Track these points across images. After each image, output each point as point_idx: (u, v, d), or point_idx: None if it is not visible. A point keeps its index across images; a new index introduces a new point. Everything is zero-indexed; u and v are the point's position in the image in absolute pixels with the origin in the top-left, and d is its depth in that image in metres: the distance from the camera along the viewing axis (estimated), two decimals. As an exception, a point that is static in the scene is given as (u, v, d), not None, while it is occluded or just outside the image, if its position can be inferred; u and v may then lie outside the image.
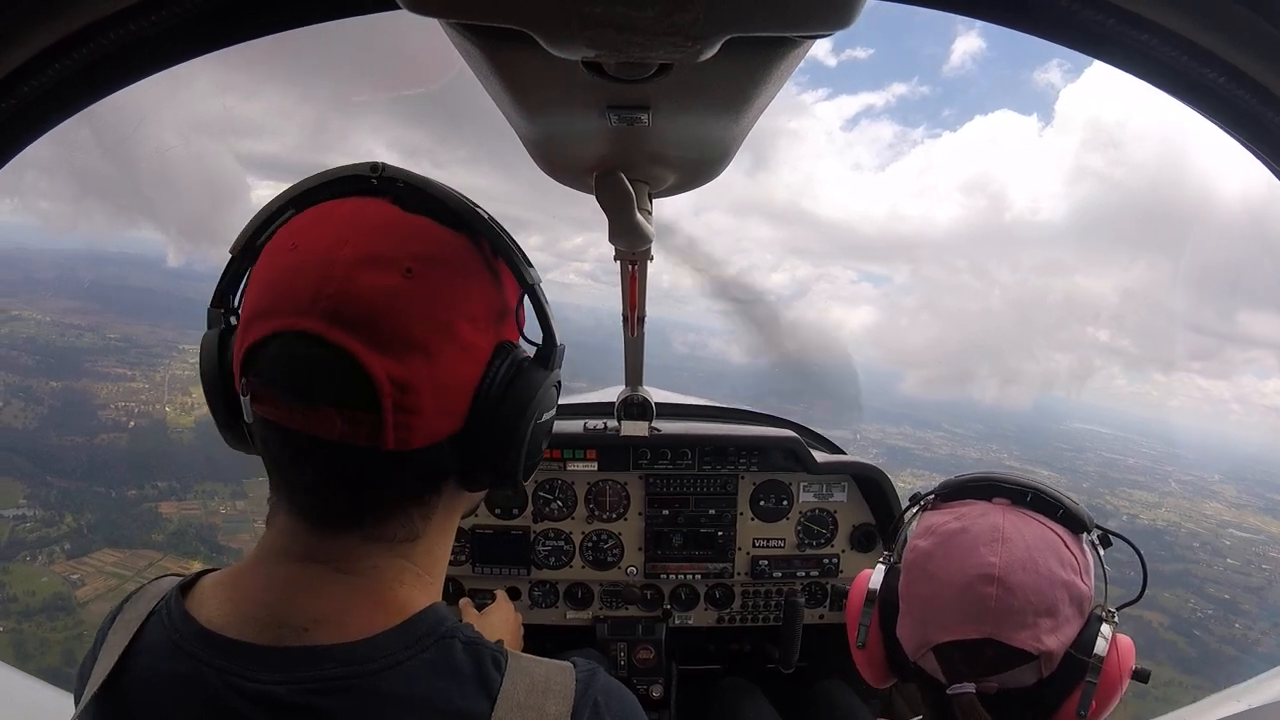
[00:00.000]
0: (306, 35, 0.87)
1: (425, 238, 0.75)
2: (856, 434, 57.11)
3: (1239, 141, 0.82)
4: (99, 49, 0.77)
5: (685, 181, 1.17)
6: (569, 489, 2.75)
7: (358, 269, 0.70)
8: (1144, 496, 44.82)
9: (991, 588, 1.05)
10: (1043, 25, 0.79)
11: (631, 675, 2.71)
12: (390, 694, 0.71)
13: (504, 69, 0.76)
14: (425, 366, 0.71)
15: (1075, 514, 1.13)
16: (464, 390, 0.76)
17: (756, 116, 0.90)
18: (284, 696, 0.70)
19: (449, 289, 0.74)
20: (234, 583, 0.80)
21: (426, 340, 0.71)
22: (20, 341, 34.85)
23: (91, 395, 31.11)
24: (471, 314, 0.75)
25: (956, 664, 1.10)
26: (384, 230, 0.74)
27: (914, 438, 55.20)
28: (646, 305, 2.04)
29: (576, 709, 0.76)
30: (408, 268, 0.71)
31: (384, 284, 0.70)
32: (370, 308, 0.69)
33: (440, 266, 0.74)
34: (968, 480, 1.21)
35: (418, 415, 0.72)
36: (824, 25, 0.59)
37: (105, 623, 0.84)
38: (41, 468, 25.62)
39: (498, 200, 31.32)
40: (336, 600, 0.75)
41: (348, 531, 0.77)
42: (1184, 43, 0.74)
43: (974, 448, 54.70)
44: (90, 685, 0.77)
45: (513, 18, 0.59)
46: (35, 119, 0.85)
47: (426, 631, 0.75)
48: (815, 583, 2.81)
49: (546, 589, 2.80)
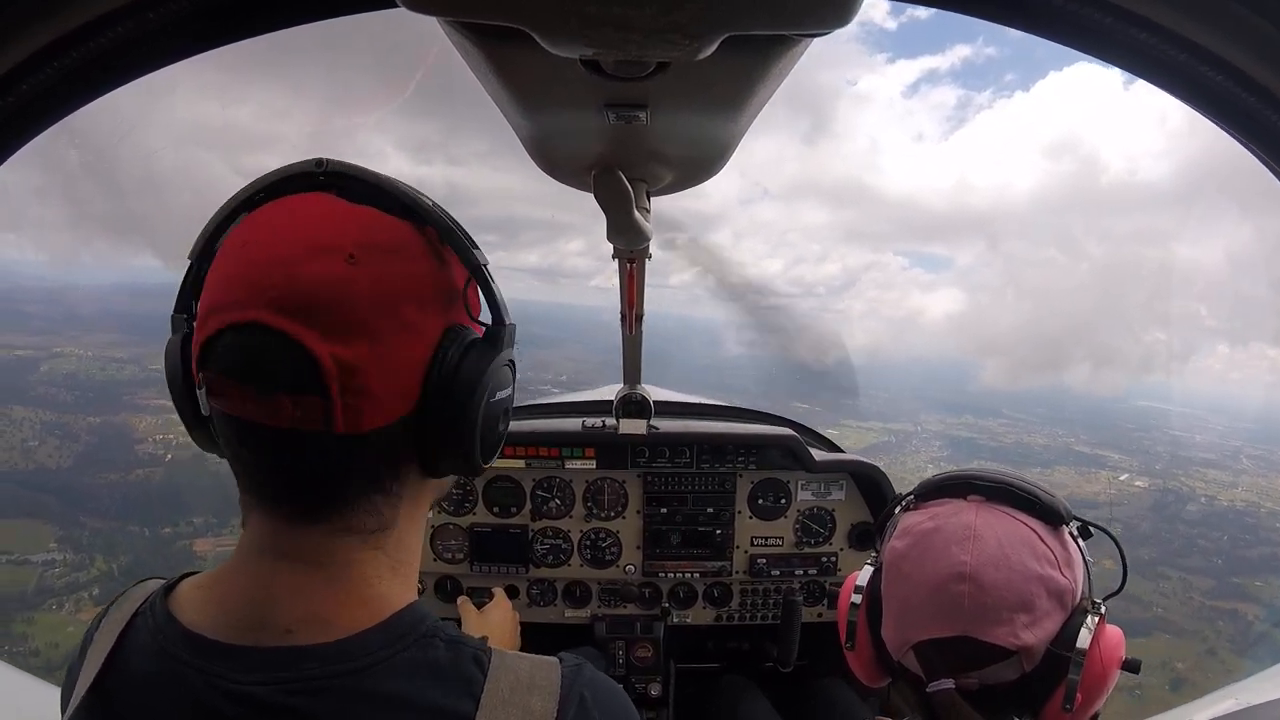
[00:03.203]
0: (291, 46, 0.87)
1: (368, 226, 0.76)
2: (918, 426, 56.58)
3: (1239, 142, 0.82)
4: (98, 46, 0.77)
5: (683, 180, 1.17)
6: (567, 487, 2.75)
7: (302, 259, 0.72)
8: (1218, 476, 43.32)
9: (964, 585, 1.06)
10: (1043, 25, 0.79)
11: (630, 674, 2.71)
12: (371, 693, 0.71)
13: (502, 67, 0.76)
14: (371, 349, 0.72)
15: (1051, 507, 1.13)
16: (412, 372, 0.76)
17: (754, 115, 0.90)
18: (265, 697, 0.70)
19: (392, 273, 0.75)
20: (215, 584, 0.80)
21: (371, 324, 0.72)
22: (60, 378, 34.70)
23: (129, 429, 30.88)
24: (417, 297, 0.76)
25: (934, 662, 1.11)
26: (327, 221, 0.76)
27: (976, 427, 54.49)
28: (645, 304, 2.04)
29: (563, 704, 0.76)
30: (350, 254, 0.73)
31: (327, 272, 0.72)
32: (314, 295, 0.71)
33: (383, 252, 0.75)
34: (944, 479, 1.21)
35: (365, 397, 0.72)
36: (822, 23, 0.59)
37: (92, 625, 0.85)
38: (74, 508, 25.21)
39: (528, 201, 30.47)
40: (317, 599, 0.76)
41: (317, 524, 0.77)
42: (1184, 42, 0.74)
43: (1040, 433, 53.77)
44: (79, 687, 0.78)
45: (511, 16, 0.59)
46: (34, 117, 0.85)
47: (407, 630, 0.76)
48: (813, 581, 2.81)
49: (544, 587, 2.80)
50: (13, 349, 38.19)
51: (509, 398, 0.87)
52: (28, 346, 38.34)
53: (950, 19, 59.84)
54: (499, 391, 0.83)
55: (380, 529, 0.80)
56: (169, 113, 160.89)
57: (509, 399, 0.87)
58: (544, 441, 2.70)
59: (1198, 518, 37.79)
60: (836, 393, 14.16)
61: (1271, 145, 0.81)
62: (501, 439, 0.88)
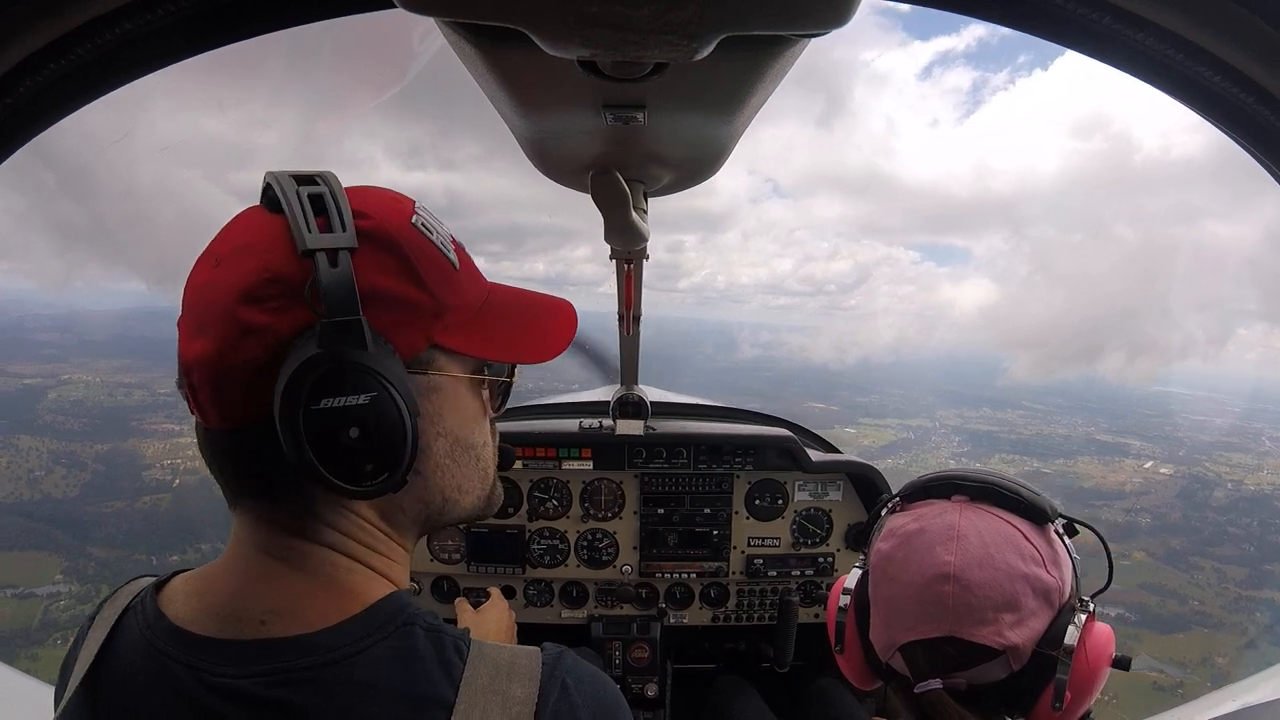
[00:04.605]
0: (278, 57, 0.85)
1: (244, 230, 0.78)
2: (934, 421, 55.81)
3: (1238, 142, 0.83)
4: (97, 47, 0.77)
5: (681, 180, 1.17)
6: (564, 488, 2.75)
7: (200, 268, 0.78)
8: (1242, 459, 43.37)
9: (948, 586, 1.06)
10: (1042, 25, 0.80)
11: (626, 674, 2.71)
12: (353, 682, 0.71)
13: (500, 68, 0.76)
14: (204, 348, 0.73)
15: (1036, 505, 1.13)
16: (248, 373, 0.72)
17: (752, 116, 0.90)
18: (249, 689, 0.71)
19: (239, 273, 0.73)
20: (201, 579, 0.81)
21: (211, 325, 0.73)
22: (68, 405, 34.71)
23: (137, 455, 30.87)
24: (256, 295, 0.72)
25: (921, 663, 1.11)
26: (225, 230, 0.79)
27: (995, 420, 54.00)
28: (642, 304, 2.04)
29: (543, 691, 0.76)
30: (217, 259, 0.76)
31: (199, 279, 0.76)
32: (189, 299, 0.76)
33: (244, 254, 0.75)
34: (929, 480, 1.21)
35: (202, 395, 0.74)
36: (820, 24, 0.60)
37: (86, 622, 0.86)
38: (80, 538, 25.06)
39: (531, 208, 29.72)
40: (288, 591, 0.76)
41: (271, 520, 0.78)
42: (1182, 43, 0.74)
43: (1060, 423, 53.23)
44: (71, 681, 0.79)
45: (509, 16, 0.59)
46: (34, 116, 0.84)
47: (387, 619, 0.76)
48: (810, 581, 2.81)
49: (541, 588, 2.80)
50: (21, 378, 38.08)
51: (358, 404, 0.71)
52: (36, 375, 38.35)
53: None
54: (328, 399, 0.70)
55: (321, 524, 0.79)
56: (151, 127, 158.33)
57: (359, 404, 0.71)
58: (541, 442, 2.70)
59: (1226, 504, 37.80)
60: (852, 391, 13.45)
61: (1271, 146, 0.81)
62: (365, 457, 0.73)
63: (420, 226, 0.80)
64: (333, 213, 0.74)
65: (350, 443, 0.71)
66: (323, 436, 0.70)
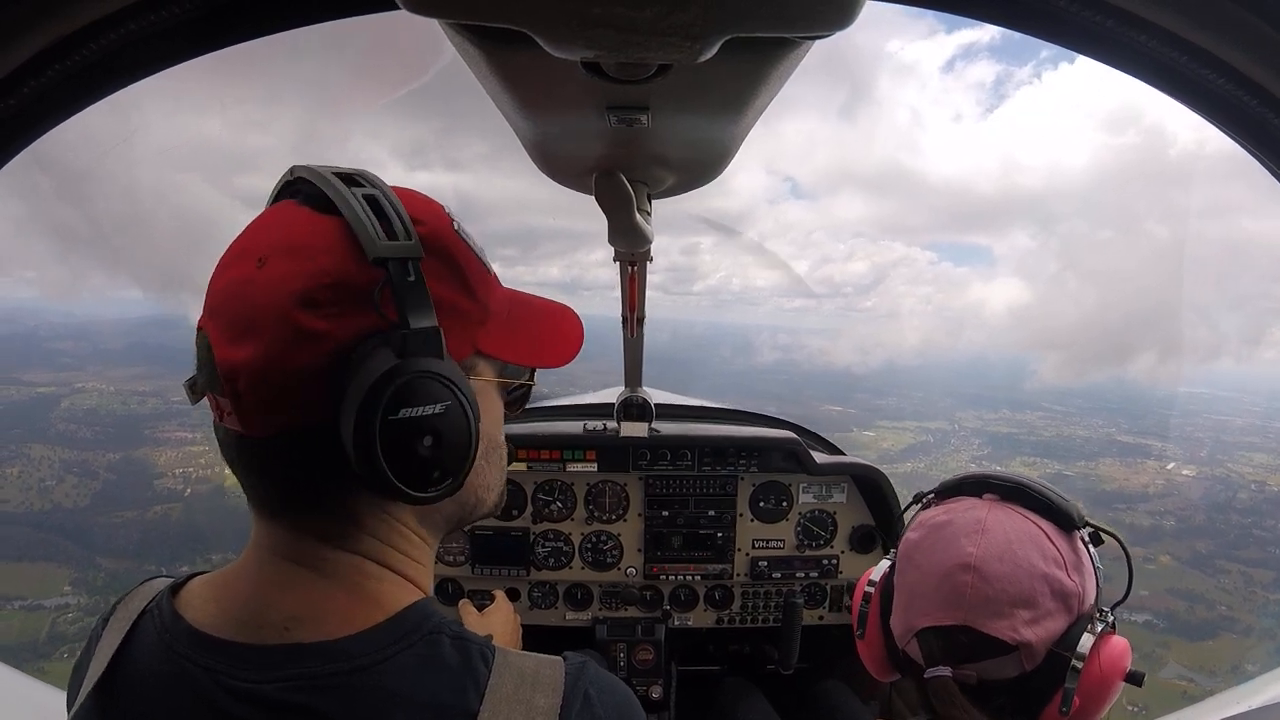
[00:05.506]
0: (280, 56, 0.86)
1: (290, 228, 0.74)
2: (954, 424, 55.27)
3: (1238, 142, 0.83)
4: (99, 49, 0.78)
5: (685, 182, 1.17)
6: (568, 490, 2.75)
7: (229, 265, 0.75)
8: (1265, 460, 43.03)
9: (968, 575, 1.09)
10: (1042, 26, 0.79)
11: (631, 676, 2.71)
12: (378, 690, 0.71)
13: (503, 69, 0.76)
14: (252, 352, 0.70)
15: (1064, 510, 1.15)
16: (301, 378, 0.71)
17: (756, 117, 0.90)
18: (270, 694, 0.70)
19: (292, 274, 0.71)
20: (221, 583, 0.80)
21: (260, 328, 0.70)
22: (80, 414, 34.62)
23: (149, 464, 30.77)
24: (315, 299, 0.70)
25: (934, 650, 1.14)
26: (264, 227, 0.76)
27: (1014, 421, 53.66)
28: (648, 307, 2.04)
29: (567, 701, 0.75)
30: (260, 258, 0.72)
31: (238, 276, 0.73)
32: (224, 299, 0.73)
33: (296, 255, 0.72)
34: (964, 478, 1.26)
35: (246, 401, 0.71)
36: (823, 26, 0.60)
37: (98, 624, 0.85)
38: (89, 549, 24.87)
39: (544, 211, 29.62)
40: (310, 597, 0.75)
41: (296, 527, 0.77)
42: (1182, 43, 0.74)
43: (1080, 425, 52.85)
44: (85, 684, 0.78)
45: (513, 18, 0.59)
46: (37, 118, 0.85)
47: (413, 627, 0.75)
48: (814, 584, 2.81)
49: (546, 590, 2.79)
50: (35, 386, 38.02)
51: (436, 414, 0.72)
52: (50, 383, 38.28)
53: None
54: (406, 408, 0.70)
55: (362, 533, 0.78)
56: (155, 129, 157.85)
57: (436, 414, 0.72)
58: (545, 444, 2.70)
59: (1250, 506, 37.47)
60: (871, 394, 13.29)
61: (1271, 147, 0.81)
62: (435, 465, 0.73)
63: (460, 232, 0.81)
64: (393, 218, 0.73)
65: (424, 451, 0.72)
66: (398, 446, 0.70)
